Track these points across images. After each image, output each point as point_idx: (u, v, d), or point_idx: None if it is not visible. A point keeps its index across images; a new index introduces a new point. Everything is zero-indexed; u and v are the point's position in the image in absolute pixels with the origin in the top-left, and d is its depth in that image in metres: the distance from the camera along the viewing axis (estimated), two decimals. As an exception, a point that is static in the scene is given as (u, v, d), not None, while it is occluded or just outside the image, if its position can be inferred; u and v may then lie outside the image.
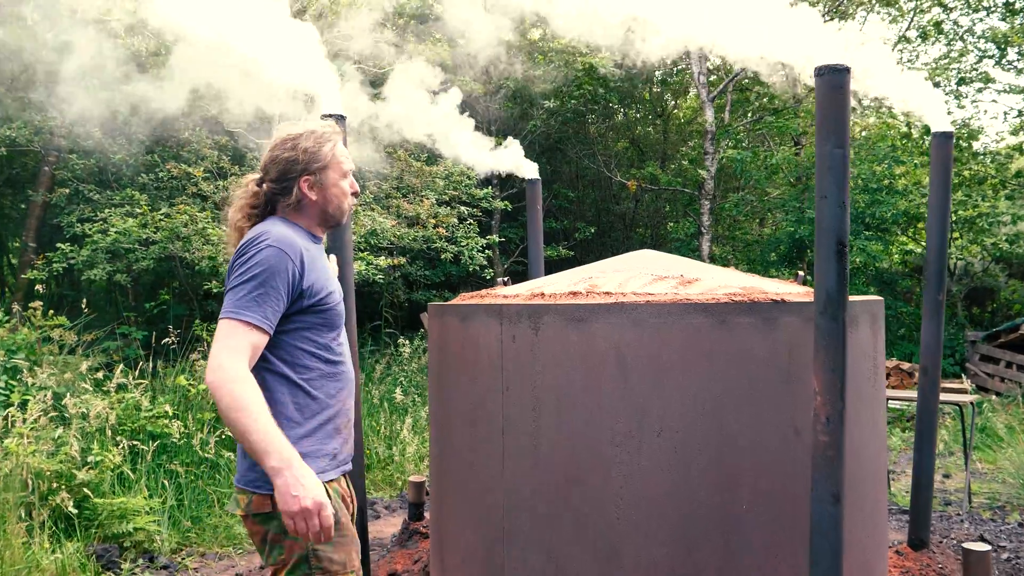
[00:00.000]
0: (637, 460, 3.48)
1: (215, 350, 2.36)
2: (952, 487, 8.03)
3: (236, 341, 2.38)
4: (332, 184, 2.75)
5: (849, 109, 2.98)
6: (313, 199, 2.72)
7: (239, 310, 2.41)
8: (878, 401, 4.06)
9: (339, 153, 2.77)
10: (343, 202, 2.80)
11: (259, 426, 2.29)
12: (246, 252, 2.50)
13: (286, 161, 2.68)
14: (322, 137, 2.73)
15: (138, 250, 8.21)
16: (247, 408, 2.29)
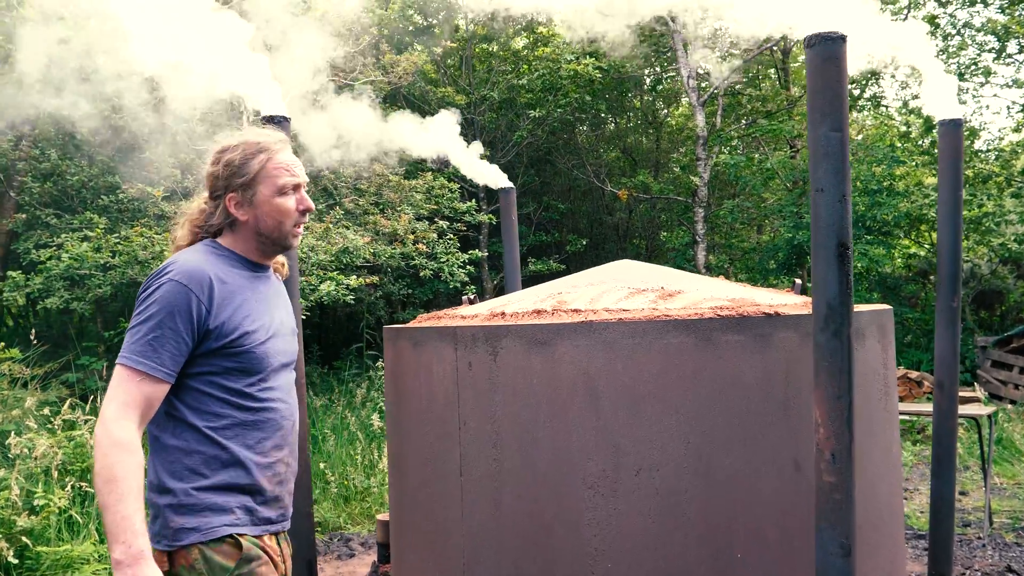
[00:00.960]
0: (612, 504, 2.98)
1: (106, 401, 2.14)
2: (970, 505, 7.52)
3: (128, 394, 2.13)
4: (263, 201, 2.34)
5: (846, 84, 2.50)
6: (243, 219, 2.35)
7: (133, 356, 2.15)
8: (891, 425, 3.56)
9: (273, 165, 2.35)
10: (283, 222, 2.37)
11: (120, 507, 2.04)
12: (148, 287, 2.23)
13: (211, 177, 2.37)
14: (253, 147, 2.35)
15: (95, 276, 7.73)
16: (114, 482, 2.05)
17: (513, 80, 15.09)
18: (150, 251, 7.56)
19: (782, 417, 3.01)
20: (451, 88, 14.75)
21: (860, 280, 14.22)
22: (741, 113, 16.25)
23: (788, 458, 3.01)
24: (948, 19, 14.60)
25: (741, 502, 2.98)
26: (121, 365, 2.15)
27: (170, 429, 2.25)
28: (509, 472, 3.14)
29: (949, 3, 14.43)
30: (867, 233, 13.08)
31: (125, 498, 2.04)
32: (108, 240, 7.66)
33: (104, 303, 8.87)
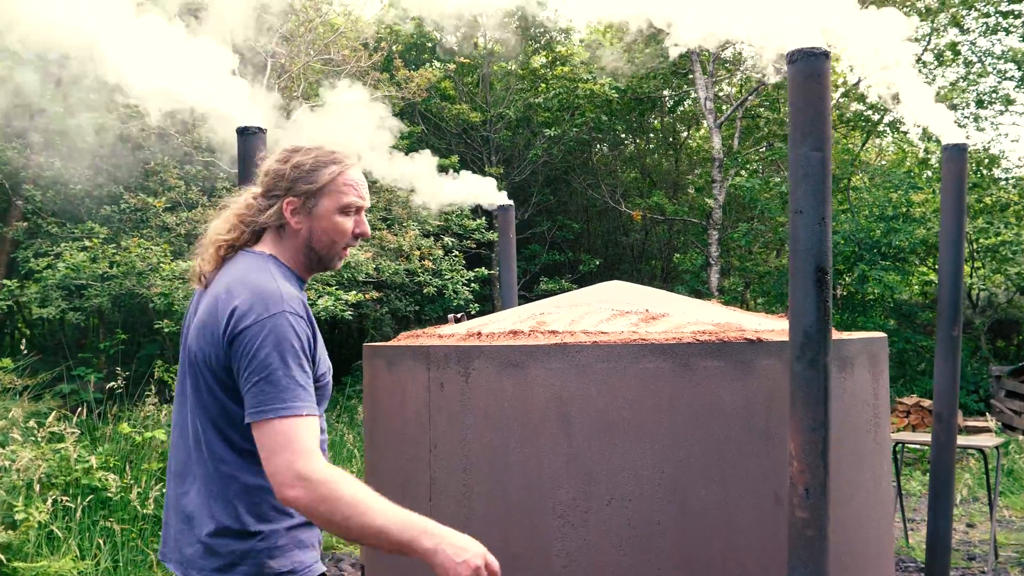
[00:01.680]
0: (583, 535, 2.87)
1: (282, 464, 1.85)
2: (977, 538, 7.30)
3: (302, 441, 1.88)
4: (323, 215, 2.13)
5: (829, 102, 2.39)
6: (296, 227, 2.13)
7: (289, 403, 1.89)
8: (882, 457, 3.42)
9: (344, 180, 2.15)
10: (336, 242, 2.16)
11: (389, 518, 1.86)
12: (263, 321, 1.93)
13: (274, 174, 2.15)
14: (327, 156, 2.15)
15: (93, 286, 7.71)
16: (363, 505, 1.84)
17: (530, 98, 15.06)
18: (148, 262, 7.52)
19: (763, 448, 2.89)
20: (467, 105, 14.73)
21: (875, 307, 14.00)
22: (759, 136, 16.12)
23: (768, 490, 2.89)
24: (969, 47, 14.43)
25: (718, 535, 2.85)
26: (279, 418, 1.89)
27: (248, 467, 2.01)
28: (479, 498, 3.03)
29: (970, 31, 14.26)
30: (883, 259, 12.87)
31: (386, 509, 1.86)
32: (106, 250, 7.64)
33: (103, 314, 8.85)
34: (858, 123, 15.32)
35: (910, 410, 11.07)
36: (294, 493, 1.83)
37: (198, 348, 1.99)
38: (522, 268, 15.41)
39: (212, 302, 2.00)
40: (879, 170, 15.21)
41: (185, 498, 2.04)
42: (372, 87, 10.81)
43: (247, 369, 1.89)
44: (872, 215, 13.14)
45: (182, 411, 2.08)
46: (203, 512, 2.00)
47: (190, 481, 2.04)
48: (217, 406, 1.98)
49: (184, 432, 2.08)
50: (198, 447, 2.01)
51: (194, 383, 2.01)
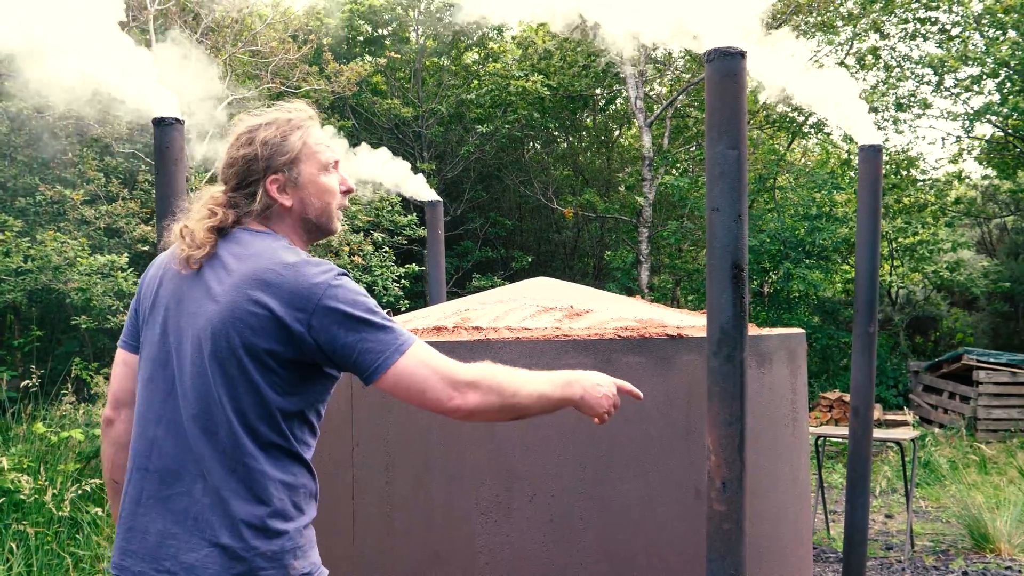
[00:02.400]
0: (505, 531, 2.86)
1: (438, 386, 1.84)
2: (895, 528, 7.54)
3: (435, 359, 1.87)
4: (309, 181, 2.00)
5: (745, 101, 2.43)
6: (287, 204, 2.00)
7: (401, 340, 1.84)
8: (800, 451, 3.50)
9: (313, 140, 2.04)
10: (330, 203, 2.04)
11: (541, 382, 1.95)
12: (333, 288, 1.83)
13: (243, 160, 1.98)
14: (287, 124, 2.02)
15: (7, 281, 7.42)
16: (518, 378, 1.92)
17: (462, 94, 15.03)
18: (65, 257, 7.26)
19: (683, 443, 2.93)
20: (398, 100, 14.62)
21: (799, 304, 14.37)
22: (688, 136, 16.37)
23: (689, 485, 2.93)
24: (889, 52, 14.88)
25: (640, 530, 2.88)
26: (407, 351, 1.83)
27: (277, 463, 1.89)
28: (401, 496, 3.01)
29: (890, 36, 14.71)
30: (807, 257, 13.21)
31: (528, 379, 1.92)
32: (20, 244, 7.36)
33: (18, 310, 8.53)
34: (784, 124, 15.68)
35: (833, 404, 11.38)
36: (465, 399, 1.83)
37: (234, 335, 1.81)
38: (454, 265, 15.38)
39: (246, 285, 1.83)
40: (804, 170, 15.60)
41: (184, 498, 1.86)
42: (301, 80, 10.65)
43: (345, 335, 1.80)
44: (797, 214, 13.47)
45: (169, 403, 1.90)
46: (217, 512, 1.83)
47: (191, 479, 1.86)
48: (252, 397, 1.83)
49: (175, 426, 1.89)
50: (212, 443, 1.84)
51: (222, 374, 1.83)
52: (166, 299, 1.97)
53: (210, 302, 1.86)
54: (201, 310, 1.87)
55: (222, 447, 1.83)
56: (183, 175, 3.39)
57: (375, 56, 14.23)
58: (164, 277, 2.01)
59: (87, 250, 7.41)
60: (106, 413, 2.14)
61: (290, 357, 1.82)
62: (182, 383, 1.88)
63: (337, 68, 11.21)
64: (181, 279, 1.95)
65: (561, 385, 1.97)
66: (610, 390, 2.03)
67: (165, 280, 2.00)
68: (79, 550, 5.77)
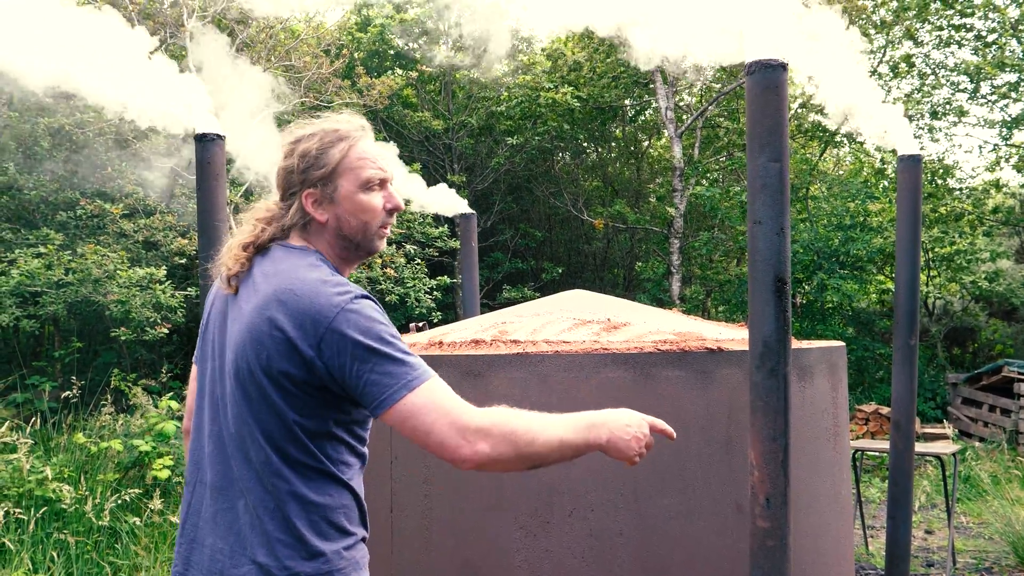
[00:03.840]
0: (544, 544, 2.85)
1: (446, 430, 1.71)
2: (935, 544, 7.40)
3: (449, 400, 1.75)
4: (345, 197, 1.93)
5: (786, 113, 2.41)
6: (322, 219, 1.94)
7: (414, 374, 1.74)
8: (841, 466, 3.45)
9: (356, 155, 1.95)
10: (368, 222, 1.95)
11: (561, 428, 1.80)
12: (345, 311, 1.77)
13: (284, 172, 1.96)
14: (331, 135, 1.95)
15: (48, 294, 7.56)
16: (536, 426, 1.77)
17: (492, 107, 15.09)
18: (104, 269, 7.38)
19: (724, 457, 2.90)
20: (429, 113, 14.71)
21: (833, 315, 14.19)
22: (719, 146, 16.29)
23: (729, 500, 2.90)
24: (923, 59, 14.72)
25: (679, 546, 2.85)
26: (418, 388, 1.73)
27: (309, 483, 1.84)
28: (439, 509, 3.00)
29: (924, 44, 14.55)
30: (841, 268, 13.07)
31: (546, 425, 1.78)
32: (62, 257, 7.49)
33: (58, 322, 8.67)
34: (816, 133, 15.56)
35: (869, 417, 11.22)
36: (474, 449, 1.70)
37: (252, 356, 1.78)
38: (485, 276, 15.40)
39: (265, 305, 1.79)
40: (837, 180, 15.44)
41: (229, 514, 1.85)
42: (334, 94, 10.75)
43: (352, 363, 1.72)
44: (830, 224, 13.33)
45: (217, 420, 1.88)
46: (256, 531, 1.81)
47: (235, 495, 1.85)
48: (274, 418, 1.79)
49: (221, 443, 1.88)
50: (246, 461, 1.82)
51: (243, 394, 1.81)
52: (215, 318, 1.97)
53: (239, 322, 1.84)
54: (235, 330, 1.85)
55: (256, 467, 1.82)
56: (224, 190, 3.43)
57: (406, 70, 14.34)
58: (216, 296, 2.02)
59: (126, 263, 7.53)
60: (184, 424, 2.16)
61: (304, 379, 1.76)
62: (224, 402, 1.87)
63: (369, 82, 11.31)
64: (226, 298, 1.95)
65: (585, 428, 1.83)
66: (640, 430, 1.88)
67: (216, 299, 2.00)
68: (118, 559, 5.83)
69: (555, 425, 1.79)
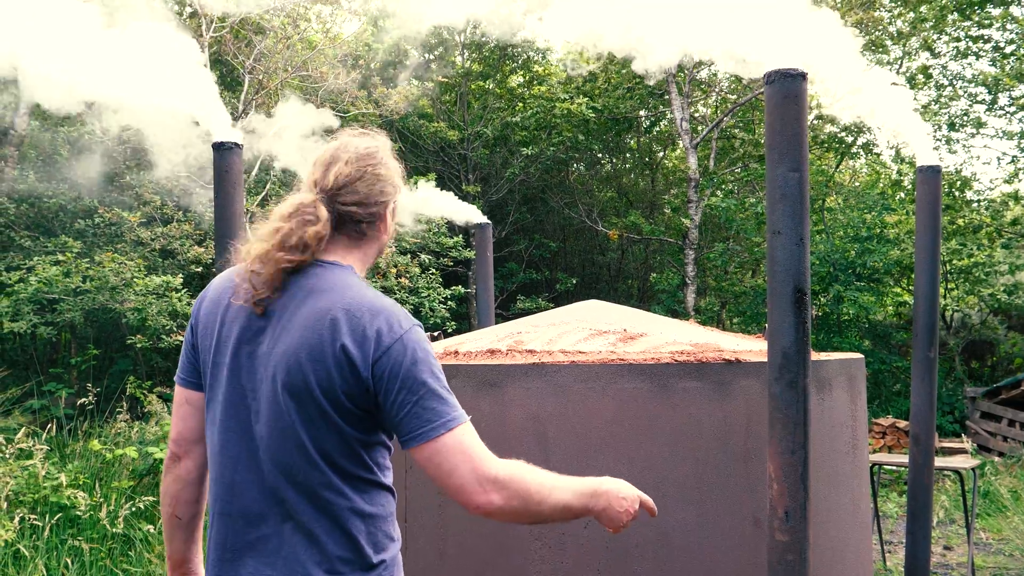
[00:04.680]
0: (559, 557, 2.83)
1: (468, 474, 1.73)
2: (954, 560, 7.31)
3: (477, 446, 1.78)
4: (392, 214, 1.96)
5: (806, 123, 2.39)
6: (384, 236, 1.95)
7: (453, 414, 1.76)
8: (860, 479, 3.41)
9: None
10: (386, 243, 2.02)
11: (567, 492, 1.83)
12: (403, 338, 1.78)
13: (379, 180, 1.88)
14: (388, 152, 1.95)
15: (66, 301, 7.60)
16: (546, 487, 1.80)
17: (507, 117, 15.11)
18: (121, 277, 7.43)
19: (741, 470, 2.87)
20: (444, 123, 14.75)
21: (850, 327, 14.10)
22: (734, 157, 16.25)
23: (747, 513, 2.86)
24: (940, 70, 14.65)
25: (696, 559, 2.82)
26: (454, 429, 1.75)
27: (364, 495, 1.83)
28: (454, 520, 2.99)
29: (941, 55, 14.49)
30: (857, 280, 12.98)
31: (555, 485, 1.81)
32: (79, 265, 7.54)
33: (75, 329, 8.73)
34: (832, 145, 15.50)
35: (886, 431, 11.12)
36: (488, 498, 1.72)
37: (311, 374, 1.74)
38: (499, 287, 15.39)
39: (324, 323, 1.75)
40: (853, 191, 15.36)
41: (274, 539, 1.80)
42: (350, 104, 10.79)
43: (400, 391, 1.72)
44: (846, 236, 13.25)
45: (243, 444, 1.82)
46: (310, 551, 1.78)
47: (278, 519, 1.80)
48: (333, 435, 1.76)
49: (254, 468, 1.81)
50: (293, 484, 1.78)
51: (299, 413, 1.75)
52: (233, 336, 1.86)
53: (284, 339, 1.77)
54: (275, 347, 1.78)
55: (307, 487, 1.78)
56: (241, 198, 3.44)
57: (422, 80, 14.40)
58: (225, 312, 1.88)
59: (143, 271, 7.58)
60: (171, 450, 2.03)
61: (361, 397, 1.76)
62: (259, 424, 1.80)
63: (385, 92, 11.35)
64: (248, 314, 1.84)
65: (588, 495, 1.86)
66: (633, 505, 1.93)
67: (228, 315, 1.88)
68: (132, 567, 5.84)
69: (563, 489, 1.82)
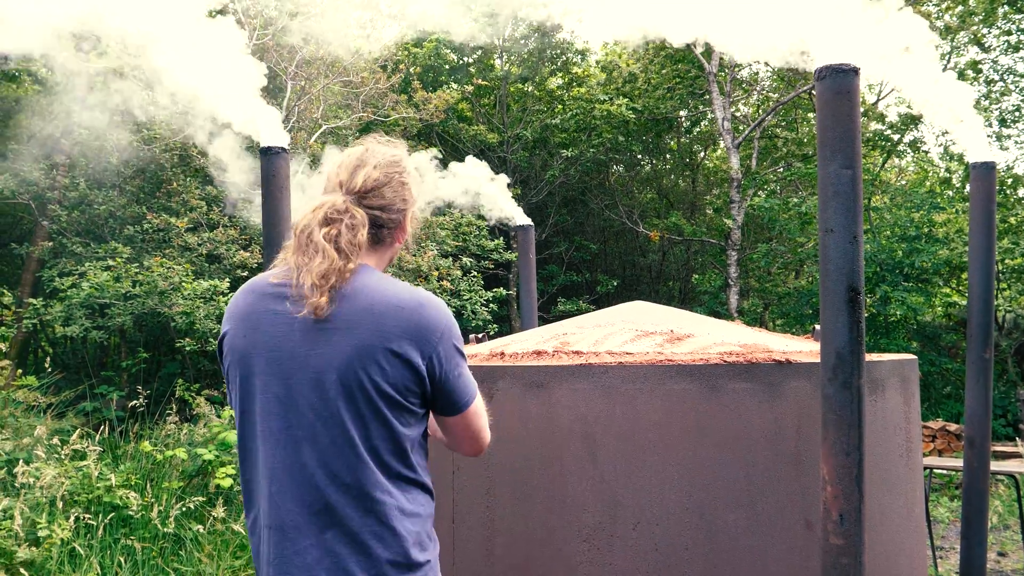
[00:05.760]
0: (608, 558, 2.81)
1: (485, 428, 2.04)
2: (1009, 567, 7.13)
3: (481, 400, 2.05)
4: (411, 222, 2.01)
5: (859, 119, 2.35)
6: (398, 244, 2.02)
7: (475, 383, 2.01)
8: (915, 483, 3.34)
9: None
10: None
11: None
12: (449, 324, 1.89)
13: (403, 187, 1.94)
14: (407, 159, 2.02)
15: (116, 305, 7.75)
16: None
17: (547, 120, 15.10)
18: (170, 282, 7.56)
19: (792, 472, 2.83)
20: (484, 126, 14.78)
21: (898, 328, 13.83)
22: (777, 156, 16.05)
23: (798, 516, 2.82)
24: (991, 65, 14.33)
25: (746, 561, 2.79)
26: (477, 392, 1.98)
27: (406, 494, 1.86)
28: (502, 521, 2.98)
29: (992, 49, 14.17)
30: (905, 280, 12.73)
31: None
32: (129, 270, 7.69)
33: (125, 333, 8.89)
34: (878, 143, 15.24)
35: (936, 435, 10.89)
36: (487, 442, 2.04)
37: (363, 374, 1.76)
38: (540, 289, 15.38)
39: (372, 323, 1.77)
40: (900, 190, 15.08)
41: (314, 551, 1.79)
42: (390, 109, 10.86)
43: (454, 370, 1.87)
44: (894, 236, 13.01)
45: (279, 453, 1.81)
46: (356, 557, 1.78)
47: (317, 529, 1.79)
48: (385, 431, 1.79)
49: (291, 477, 1.80)
50: (339, 488, 1.78)
51: (352, 414, 1.76)
52: (267, 343, 1.83)
53: (326, 342, 1.77)
54: (317, 351, 1.78)
55: (356, 488, 1.79)
56: (288, 202, 3.48)
57: (461, 84, 14.44)
58: (260, 320, 1.86)
59: (191, 275, 7.71)
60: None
61: (414, 389, 1.82)
62: (301, 431, 1.79)
63: (425, 96, 11.41)
64: (281, 320, 1.82)
65: None
66: None
67: (262, 323, 1.85)
68: (182, 566, 5.93)
69: None
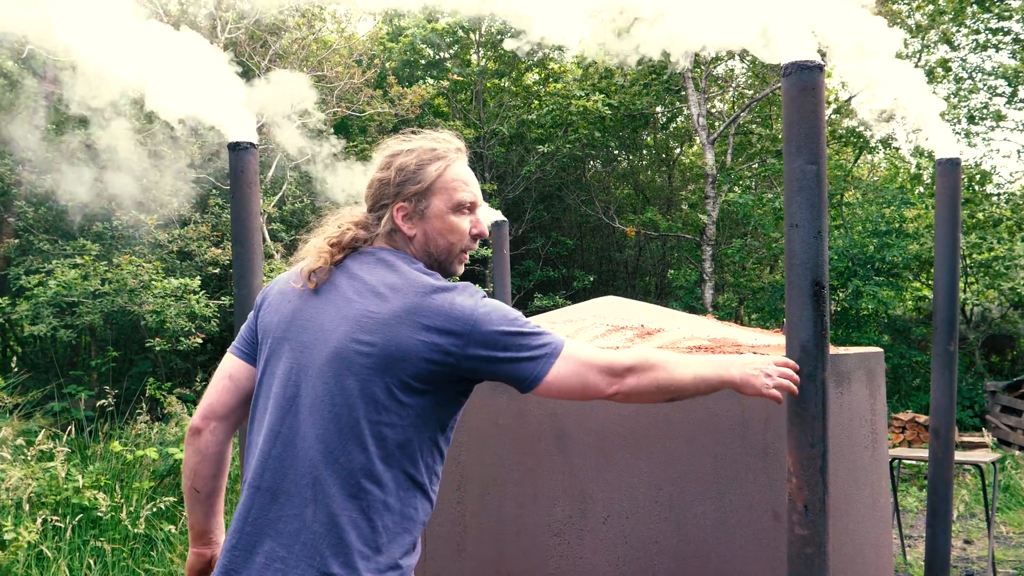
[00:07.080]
0: (579, 552, 2.83)
1: (594, 378, 1.89)
2: (974, 554, 7.26)
3: (587, 352, 1.91)
4: (436, 215, 1.95)
5: (823, 116, 2.38)
6: (410, 234, 1.96)
7: (550, 341, 1.88)
8: (880, 474, 3.39)
9: (451, 175, 1.98)
10: (453, 244, 1.98)
11: (695, 363, 2.01)
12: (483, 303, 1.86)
13: (379, 184, 1.98)
14: (429, 153, 1.97)
15: (85, 303, 7.67)
16: (672, 361, 1.98)
17: (523, 115, 15.11)
18: (140, 280, 7.49)
19: (760, 464, 2.86)
20: (460, 122, 14.77)
21: (869, 322, 14.01)
22: (752, 153, 16.18)
23: (766, 507, 2.85)
24: (960, 63, 14.52)
25: (715, 553, 2.82)
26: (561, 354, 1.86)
27: (400, 491, 1.82)
28: (472, 516, 2.99)
29: (960, 47, 14.36)
30: (876, 274, 12.89)
31: (681, 357, 2.00)
32: (97, 267, 7.61)
33: (94, 331, 8.80)
34: (850, 139, 15.40)
35: (905, 426, 11.04)
36: (626, 383, 1.90)
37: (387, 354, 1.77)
38: (516, 284, 15.40)
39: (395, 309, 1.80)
40: (872, 186, 15.26)
41: (295, 521, 1.78)
42: (365, 104, 10.83)
43: (503, 353, 1.81)
44: (865, 231, 13.17)
45: (287, 421, 1.82)
46: (329, 541, 1.76)
47: (302, 502, 1.78)
48: (396, 417, 1.79)
49: (291, 446, 1.81)
50: (332, 465, 1.77)
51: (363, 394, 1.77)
52: (289, 317, 1.92)
53: (344, 321, 1.82)
54: (335, 328, 1.82)
55: (346, 470, 1.78)
56: (257, 198, 3.46)
57: (437, 79, 14.41)
58: (288, 295, 1.96)
59: (161, 273, 7.64)
60: (194, 422, 2.03)
61: (433, 379, 1.80)
62: (308, 401, 1.81)
63: (400, 92, 11.38)
64: (306, 297, 1.91)
65: (716, 366, 2.01)
66: (767, 367, 2.08)
67: (288, 299, 1.95)
68: (153, 567, 5.89)
69: (693, 363, 1.98)
